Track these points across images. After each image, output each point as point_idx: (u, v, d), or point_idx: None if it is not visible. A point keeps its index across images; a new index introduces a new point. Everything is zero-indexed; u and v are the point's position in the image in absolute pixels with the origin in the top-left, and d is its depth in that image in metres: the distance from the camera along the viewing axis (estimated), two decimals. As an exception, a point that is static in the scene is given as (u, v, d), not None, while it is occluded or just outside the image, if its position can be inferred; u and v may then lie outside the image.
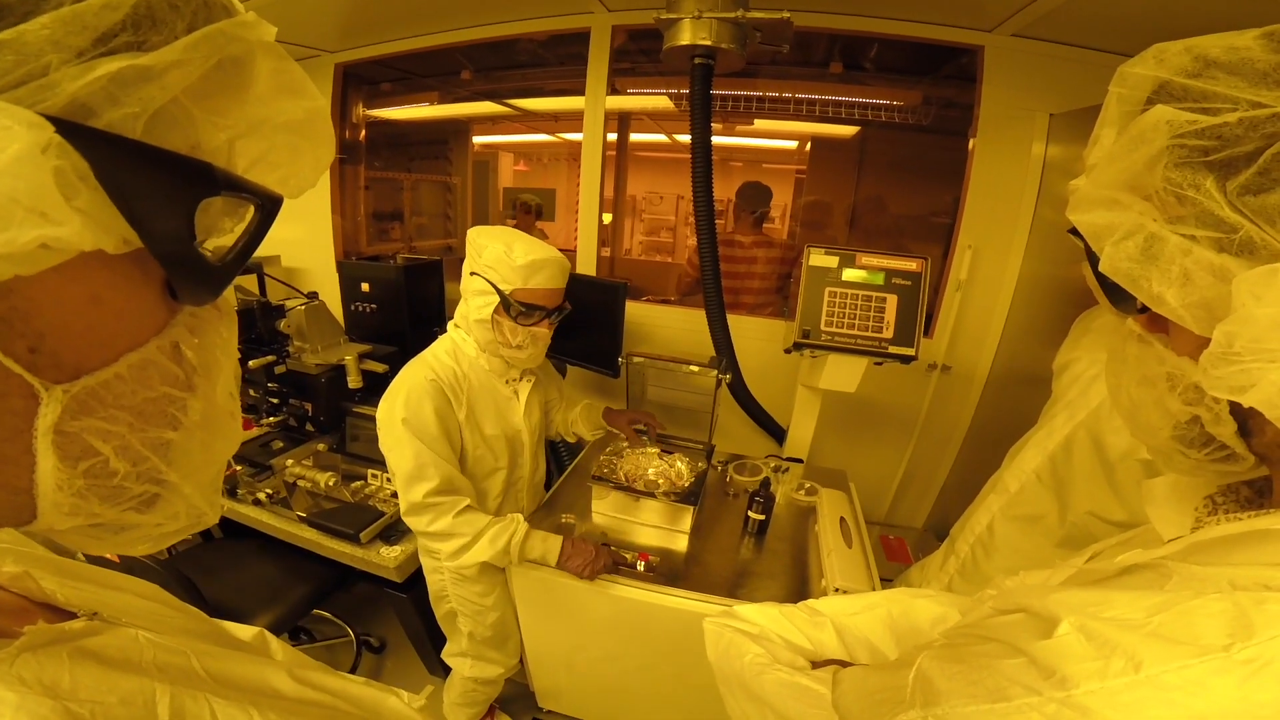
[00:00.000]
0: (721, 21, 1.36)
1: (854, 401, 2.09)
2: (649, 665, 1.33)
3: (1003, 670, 0.37)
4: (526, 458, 1.42)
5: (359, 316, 1.84)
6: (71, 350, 0.22)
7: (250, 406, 1.59)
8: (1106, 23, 1.56)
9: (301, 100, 0.26)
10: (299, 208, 0.36)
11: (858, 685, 0.54)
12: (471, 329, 1.27)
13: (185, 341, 0.27)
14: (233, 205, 0.25)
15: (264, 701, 0.33)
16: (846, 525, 1.36)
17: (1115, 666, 0.31)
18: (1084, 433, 1.01)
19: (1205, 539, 0.36)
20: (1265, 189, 0.29)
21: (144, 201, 0.21)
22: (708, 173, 1.59)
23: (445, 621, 1.44)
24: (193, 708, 0.29)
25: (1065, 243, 1.70)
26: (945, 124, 2.04)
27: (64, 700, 0.24)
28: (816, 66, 2.17)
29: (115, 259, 0.22)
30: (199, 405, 0.28)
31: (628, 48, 2.17)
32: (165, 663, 0.31)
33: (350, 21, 2.12)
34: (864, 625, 0.71)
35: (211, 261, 0.25)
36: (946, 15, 1.75)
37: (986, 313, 1.98)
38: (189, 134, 0.23)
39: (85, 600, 0.34)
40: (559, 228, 4.37)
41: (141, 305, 0.25)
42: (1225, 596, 0.31)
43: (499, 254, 1.19)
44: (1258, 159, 0.29)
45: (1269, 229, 0.29)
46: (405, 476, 1.17)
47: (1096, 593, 0.38)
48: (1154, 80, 0.35)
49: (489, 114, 3.15)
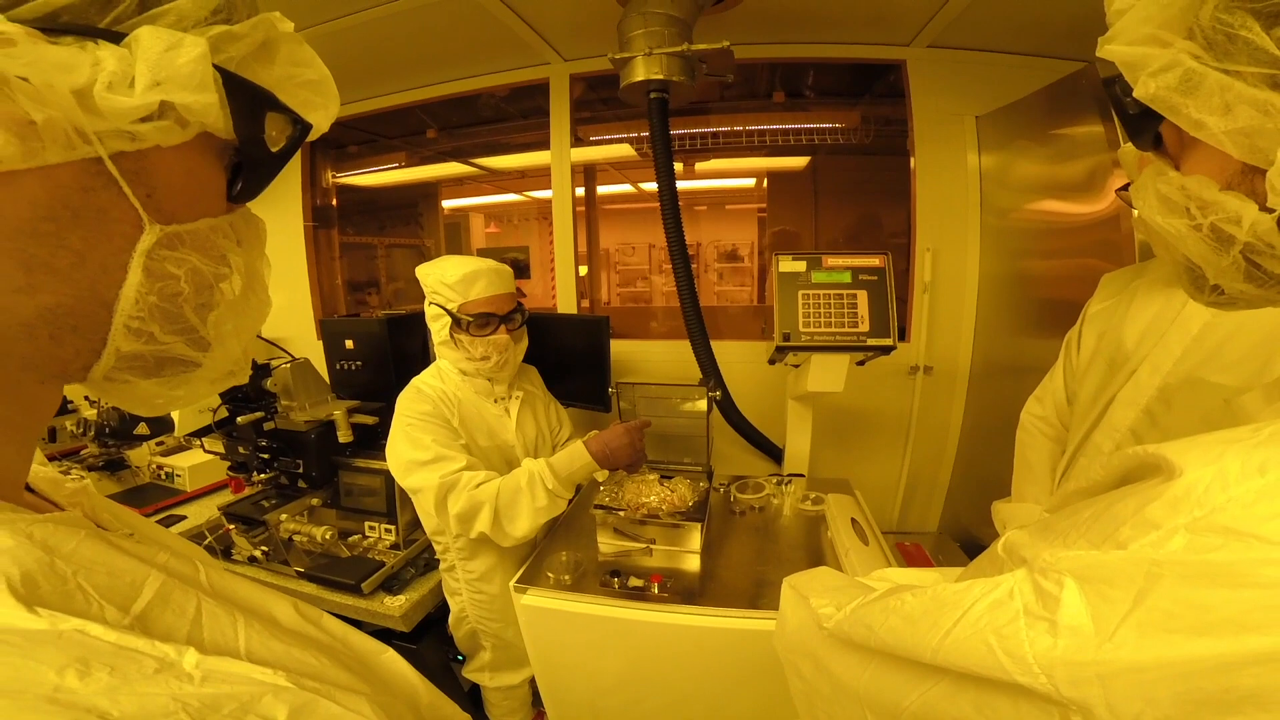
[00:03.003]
0: (670, 56, 1.47)
1: (845, 412, 2.12)
2: (683, 699, 1.25)
3: (1117, 514, 0.33)
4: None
5: (344, 375, 1.84)
6: (170, 203, 0.32)
7: (240, 464, 1.55)
8: (1012, 26, 1.72)
9: (311, 70, 0.38)
10: (277, 278, 0.44)
11: (940, 580, 0.50)
12: (443, 355, 1.32)
13: (237, 228, 0.38)
14: (281, 122, 0.36)
15: (256, 622, 0.33)
16: (859, 525, 1.35)
17: (1233, 472, 0.29)
18: (1179, 381, 0.98)
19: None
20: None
21: (238, 104, 0.33)
22: (674, 201, 1.66)
23: (466, 641, 1.45)
24: (179, 598, 0.30)
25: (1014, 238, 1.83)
26: (886, 141, 2.17)
27: (53, 557, 0.27)
28: (761, 98, 2.32)
29: (207, 152, 0.34)
30: (238, 280, 0.38)
31: (587, 97, 2.30)
32: (172, 567, 0.33)
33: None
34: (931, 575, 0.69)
35: (270, 150, 0.36)
36: (867, 34, 1.90)
37: (956, 311, 2.05)
38: (254, 77, 0.35)
39: (124, 524, 0.40)
40: (534, 284, 4.45)
41: (215, 190, 0.36)
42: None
43: (438, 276, 1.29)
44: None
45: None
46: (423, 463, 1.22)
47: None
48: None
49: (456, 175, 3.25)
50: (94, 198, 0.29)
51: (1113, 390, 1.08)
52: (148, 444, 2.04)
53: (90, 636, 0.24)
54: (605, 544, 1.38)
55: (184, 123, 0.31)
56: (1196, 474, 0.30)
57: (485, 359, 1.32)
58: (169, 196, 0.32)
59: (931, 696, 0.40)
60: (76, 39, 0.27)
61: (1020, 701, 0.34)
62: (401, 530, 1.47)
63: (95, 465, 1.94)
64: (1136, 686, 0.29)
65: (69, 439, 2.00)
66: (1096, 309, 1.18)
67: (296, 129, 0.37)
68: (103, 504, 0.42)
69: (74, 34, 0.27)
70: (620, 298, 5.26)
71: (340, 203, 2.94)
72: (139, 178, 0.30)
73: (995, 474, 1.46)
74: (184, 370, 0.36)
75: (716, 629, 1.13)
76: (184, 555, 0.36)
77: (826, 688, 0.56)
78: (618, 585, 1.21)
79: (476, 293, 1.29)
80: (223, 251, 0.36)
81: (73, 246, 0.29)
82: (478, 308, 1.29)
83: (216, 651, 0.29)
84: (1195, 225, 0.42)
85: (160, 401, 0.37)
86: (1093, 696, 0.30)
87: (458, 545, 1.36)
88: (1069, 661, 0.31)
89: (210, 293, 0.36)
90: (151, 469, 2.04)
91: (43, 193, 0.28)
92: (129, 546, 0.32)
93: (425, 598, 1.43)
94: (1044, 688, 0.32)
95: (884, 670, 0.46)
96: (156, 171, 0.31)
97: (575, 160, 2.24)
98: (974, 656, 0.36)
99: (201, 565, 0.36)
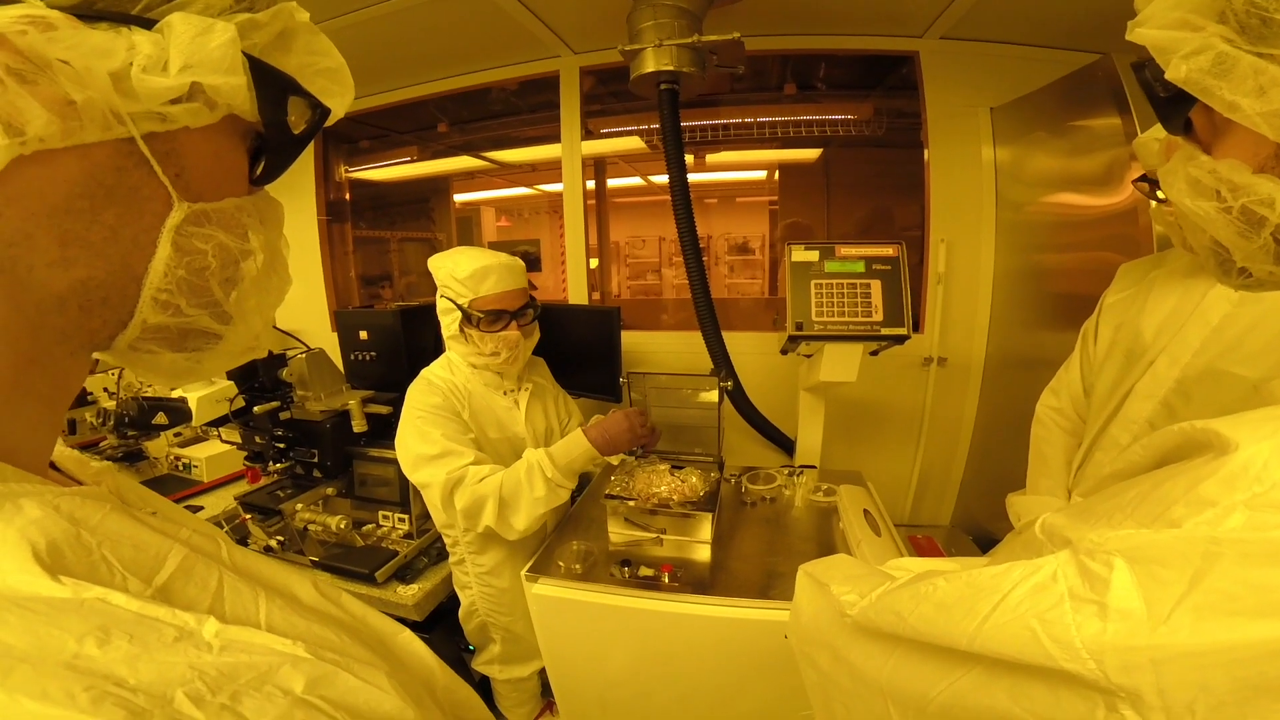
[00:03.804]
0: (680, 47, 1.47)
1: (858, 404, 2.11)
2: (692, 691, 1.25)
3: (1167, 493, 0.32)
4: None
5: (359, 365, 1.85)
6: (198, 183, 0.34)
7: (256, 454, 1.57)
8: (1026, 18, 1.70)
9: (329, 59, 0.39)
10: (292, 271, 0.45)
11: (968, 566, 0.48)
12: (452, 348, 1.31)
13: (260, 208, 0.39)
14: (301, 107, 0.38)
15: (278, 598, 0.33)
16: (871, 516, 1.34)
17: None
18: (1198, 372, 0.97)
19: None
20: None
21: (263, 87, 0.35)
22: (684, 190, 1.66)
23: (476, 634, 1.46)
24: (201, 571, 0.31)
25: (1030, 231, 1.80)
26: (899, 134, 2.15)
27: (79, 529, 0.27)
28: (772, 90, 2.30)
29: (232, 135, 0.36)
30: (261, 257, 0.39)
31: (596, 90, 2.29)
32: (195, 543, 0.33)
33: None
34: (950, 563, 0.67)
35: (292, 133, 0.38)
36: (880, 26, 1.89)
37: (970, 303, 2.03)
38: (274, 64, 0.37)
39: (147, 503, 0.41)
40: (545, 277, 4.46)
41: (239, 172, 0.38)
42: None
43: (449, 271, 1.28)
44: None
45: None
46: (431, 458, 1.21)
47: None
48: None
49: (467, 169, 3.26)
50: (127, 176, 0.31)
51: (1130, 382, 1.06)
52: (165, 435, 2.08)
53: (112, 605, 0.25)
54: (616, 533, 1.38)
55: (213, 105, 0.33)
56: (1253, 449, 0.29)
57: (495, 355, 1.31)
58: (197, 177, 0.34)
59: (962, 686, 0.39)
60: (111, 25, 0.29)
61: (1060, 689, 0.32)
62: (415, 520, 1.48)
63: (114, 457, 1.97)
64: (1192, 672, 0.27)
65: (89, 431, 2.03)
66: (1114, 300, 1.16)
67: (316, 113, 0.39)
68: (127, 484, 0.43)
69: (109, 20, 0.29)
70: (631, 290, 5.25)
71: (353, 197, 2.95)
72: (169, 158, 0.32)
73: (1009, 468, 1.45)
74: (206, 343, 0.38)
75: (727, 619, 1.13)
76: (207, 534, 0.36)
77: (845, 679, 0.53)
78: (628, 575, 1.22)
79: (487, 289, 1.27)
80: (246, 229, 0.38)
81: (106, 222, 0.30)
82: (489, 304, 1.28)
83: (238, 623, 0.29)
84: (1225, 208, 0.41)
85: (183, 372, 0.39)
86: (1144, 683, 0.28)
87: (467, 539, 1.37)
88: (1120, 647, 0.29)
89: (235, 268, 0.37)
90: (169, 460, 2.07)
91: (79, 171, 0.29)
92: (153, 523, 0.32)
93: (438, 587, 1.44)
94: (1092, 674, 0.30)
95: (909, 659, 0.44)
96: (185, 153, 0.33)
97: (585, 153, 2.24)
98: (1015, 643, 0.34)
99: (224, 543, 0.37)
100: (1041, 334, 1.80)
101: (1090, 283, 1.32)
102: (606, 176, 3.07)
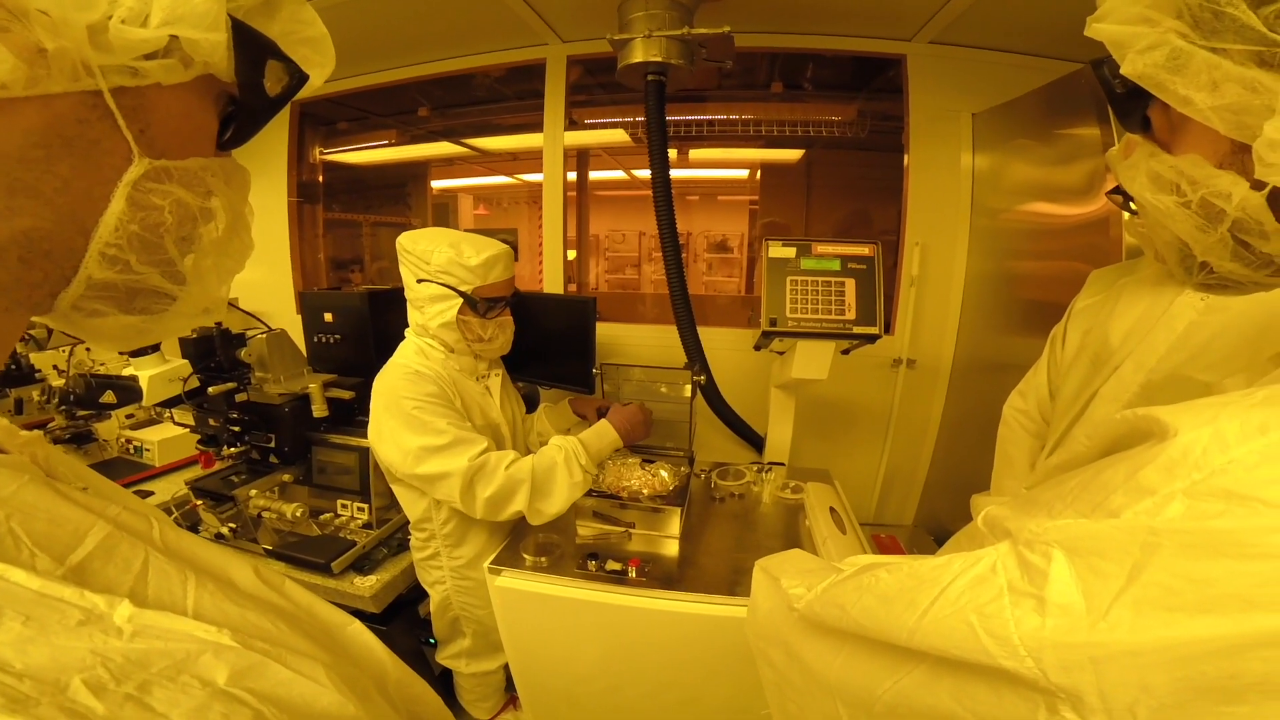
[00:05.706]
0: (670, 39, 1.45)
1: (827, 403, 2.13)
2: (660, 687, 1.23)
3: (1107, 481, 0.31)
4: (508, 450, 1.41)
5: (322, 348, 1.79)
6: (163, 140, 0.33)
7: (210, 438, 1.50)
8: (1015, 25, 1.72)
9: (312, 28, 0.40)
10: (257, 252, 0.44)
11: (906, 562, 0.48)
12: (435, 335, 1.27)
13: (226, 170, 0.39)
14: (279, 71, 0.38)
15: (210, 582, 0.31)
16: (837, 514, 1.36)
17: (1232, 433, 0.27)
18: (1163, 378, 0.98)
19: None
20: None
21: (243, 48, 0.35)
22: (666, 183, 1.64)
23: (447, 629, 1.44)
24: (125, 551, 0.29)
25: (1003, 238, 1.84)
26: (882, 137, 2.17)
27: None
28: (759, 88, 2.30)
29: (204, 96, 0.36)
30: (224, 219, 0.38)
31: (583, 81, 2.26)
32: (124, 520, 0.31)
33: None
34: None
35: (268, 95, 0.38)
36: (869, 28, 1.90)
37: (941, 306, 2.07)
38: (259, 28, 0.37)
39: (79, 478, 0.38)
40: (521, 268, 4.40)
41: (207, 134, 0.37)
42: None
43: (450, 257, 1.21)
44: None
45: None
46: (440, 448, 1.16)
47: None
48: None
49: (447, 155, 3.20)
50: (88, 129, 0.30)
51: (1095, 386, 1.08)
52: (116, 417, 1.98)
53: (9, 583, 0.23)
54: (584, 527, 1.36)
55: (188, 62, 0.33)
56: (1192, 435, 0.28)
57: (491, 340, 1.30)
58: (162, 134, 0.33)
59: (906, 685, 0.37)
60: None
61: (1002, 689, 0.31)
62: (374, 510, 1.44)
63: (61, 438, 1.88)
64: (1133, 672, 0.26)
65: (36, 410, 1.93)
66: (1083, 305, 1.18)
67: (293, 79, 0.39)
68: (59, 456, 0.40)
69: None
70: (609, 284, 5.22)
71: (327, 180, 2.87)
72: (135, 114, 0.32)
73: (973, 469, 1.47)
74: (158, 303, 0.37)
75: (694, 615, 1.13)
76: (139, 512, 0.34)
77: (798, 677, 0.52)
78: (595, 568, 1.20)
79: (495, 276, 1.26)
80: (210, 190, 0.37)
81: (59, 173, 0.29)
82: (494, 291, 1.26)
83: (160, 608, 0.27)
84: (1184, 202, 0.42)
85: (132, 335, 0.37)
86: (1085, 683, 0.27)
87: (444, 532, 1.33)
88: (1059, 644, 0.28)
89: (193, 226, 0.36)
90: (120, 443, 1.98)
91: (39, 121, 0.28)
92: (79, 498, 0.30)
93: (397, 579, 1.40)
94: (1030, 673, 0.29)
95: (857, 656, 0.43)
96: (154, 109, 0.33)
97: (569, 144, 2.21)
98: (953, 637, 0.33)
99: (156, 522, 0.35)
100: (1010, 339, 1.83)
101: (1060, 290, 1.35)
102: (589, 169, 3.05)
